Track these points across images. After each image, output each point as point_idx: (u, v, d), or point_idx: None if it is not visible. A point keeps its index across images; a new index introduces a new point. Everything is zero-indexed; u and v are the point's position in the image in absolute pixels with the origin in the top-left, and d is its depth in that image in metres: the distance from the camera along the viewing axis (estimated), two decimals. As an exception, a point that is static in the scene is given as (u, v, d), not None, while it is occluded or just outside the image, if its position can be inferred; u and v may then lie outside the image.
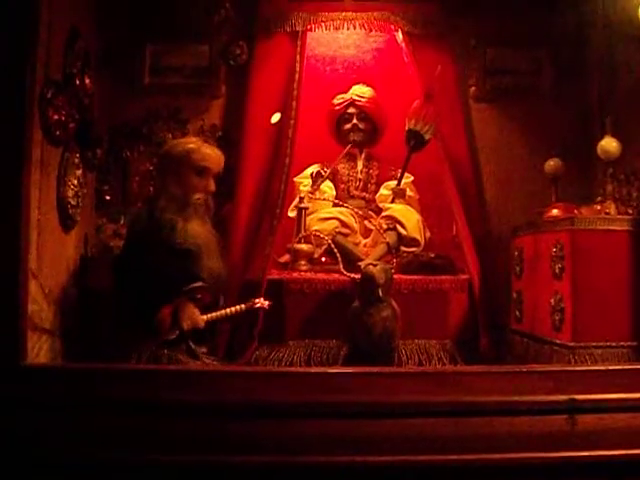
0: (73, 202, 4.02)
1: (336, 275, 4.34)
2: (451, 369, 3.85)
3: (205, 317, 3.70)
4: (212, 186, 3.88)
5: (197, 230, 3.73)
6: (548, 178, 4.52)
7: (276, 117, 4.58)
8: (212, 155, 3.89)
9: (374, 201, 4.90)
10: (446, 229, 4.82)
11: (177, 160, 3.85)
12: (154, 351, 3.59)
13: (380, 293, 3.87)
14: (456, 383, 3.06)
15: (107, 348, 3.66)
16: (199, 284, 3.65)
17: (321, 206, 4.74)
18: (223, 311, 3.77)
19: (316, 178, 4.72)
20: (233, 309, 3.79)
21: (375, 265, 3.97)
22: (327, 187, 4.83)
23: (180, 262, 3.62)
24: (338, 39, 5.18)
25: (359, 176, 4.95)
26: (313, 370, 3.72)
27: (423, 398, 2.97)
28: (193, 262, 3.66)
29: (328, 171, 4.75)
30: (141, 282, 3.60)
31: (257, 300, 3.85)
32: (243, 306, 3.80)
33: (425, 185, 4.91)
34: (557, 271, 3.81)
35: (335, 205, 4.76)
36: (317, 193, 4.72)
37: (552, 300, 3.83)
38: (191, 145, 3.88)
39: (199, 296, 3.67)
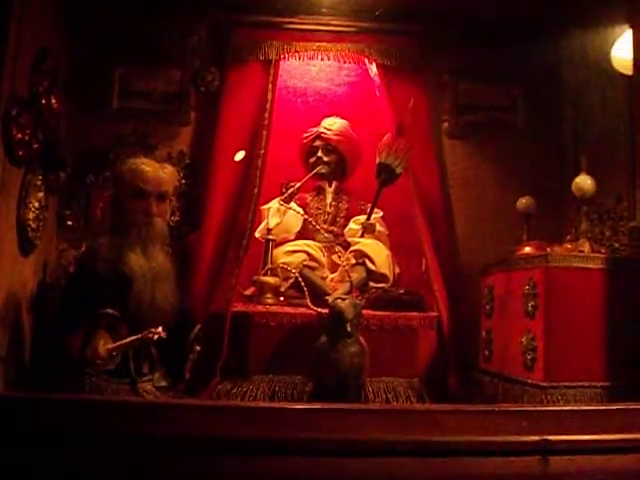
0: (33, 225, 3.94)
1: (303, 309, 4.24)
2: (421, 407, 3.75)
3: (109, 347, 3.48)
4: (153, 208, 3.65)
5: (130, 257, 3.56)
6: (520, 216, 4.51)
7: (240, 155, 4.55)
8: (150, 174, 3.66)
9: (342, 235, 4.81)
10: (415, 265, 4.75)
11: (117, 181, 3.75)
12: (87, 380, 3.44)
13: (349, 328, 3.78)
14: (426, 422, 2.94)
15: (56, 376, 3.50)
16: (108, 311, 3.47)
17: (290, 226, 4.70)
18: (123, 341, 3.52)
19: (287, 188, 4.63)
20: (130, 339, 3.52)
21: (344, 299, 3.88)
22: (294, 217, 4.72)
23: (106, 290, 3.47)
24: (310, 71, 5.16)
25: (328, 209, 4.88)
26: (276, 405, 3.59)
27: (391, 437, 2.84)
28: (120, 290, 3.50)
29: (298, 185, 4.64)
30: (70, 309, 3.51)
31: (153, 330, 3.54)
32: (140, 335, 3.52)
33: (395, 220, 4.86)
34: (529, 309, 3.75)
35: (305, 226, 4.72)
36: (283, 225, 4.64)
37: (524, 339, 3.76)
38: (129, 165, 3.70)
39: (106, 324, 3.48)
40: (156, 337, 3.53)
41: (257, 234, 4.57)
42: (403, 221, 4.82)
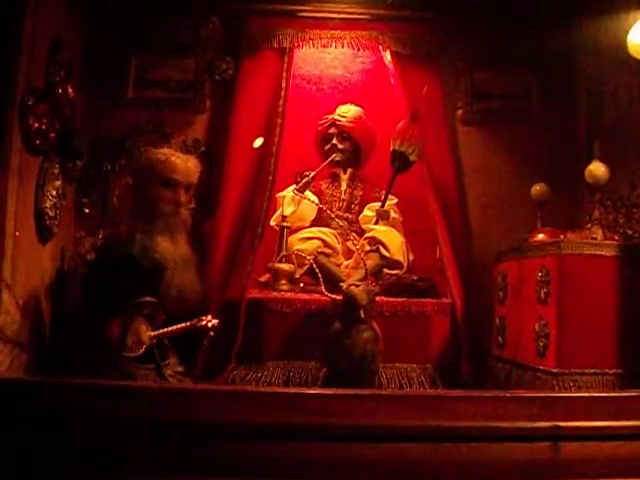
0: (51, 213, 3.96)
1: (317, 295, 4.25)
2: (433, 393, 3.76)
3: (151, 334, 3.56)
4: (182, 198, 3.74)
5: (161, 245, 3.62)
6: (534, 203, 4.47)
7: (259, 142, 4.55)
8: (181, 166, 3.74)
9: (357, 222, 4.81)
10: (429, 252, 4.75)
11: (144, 171, 3.76)
12: (121, 367, 3.48)
13: (362, 314, 3.80)
14: (438, 407, 2.97)
15: (77, 363, 3.52)
16: (147, 299, 3.54)
17: (305, 214, 4.71)
18: (170, 328, 3.60)
19: (302, 178, 4.63)
20: (178, 327, 3.61)
21: (358, 286, 3.91)
22: (309, 206, 4.74)
23: (137, 277, 3.52)
24: (325, 59, 5.15)
25: (343, 197, 4.87)
26: (290, 391, 3.62)
27: (403, 422, 2.87)
28: (152, 278, 3.55)
29: (312, 174, 4.64)
30: (100, 296, 3.51)
31: (204, 318, 3.65)
32: (188, 323, 3.62)
33: (410, 208, 4.85)
34: (542, 296, 3.74)
35: (320, 213, 4.74)
36: (298, 213, 4.67)
37: (536, 326, 3.76)
38: (159, 155, 3.76)
39: (146, 312, 3.54)
40: (211, 325, 3.64)
41: (272, 222, 4.58)
42: (418, 208, 4.82)
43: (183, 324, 3.61)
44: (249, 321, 4.13)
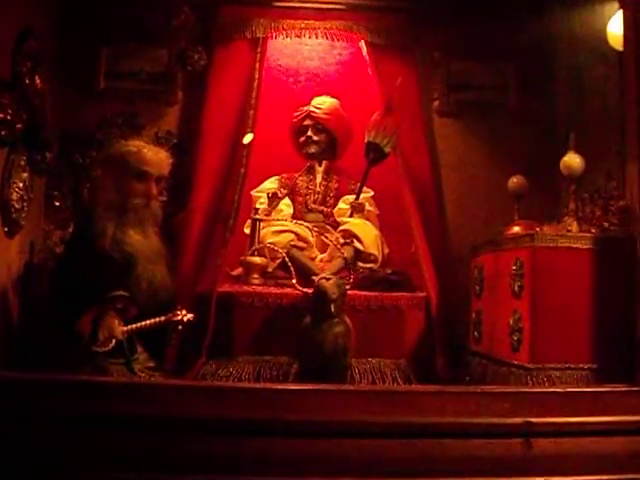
0: (17, 206, 3.91)
1: (288, 289, 4.19)
2: (403, 388, 3.71)
3: (123, 329, 3.50)
4: (153, 190, 3.72)
5: (133, 237, 3.59)
6: (511, 196, 4.42)
7: (248, 137, 4.50)
8: (152, 158, 3.72)
9: (332, 215, 4.76)
10: (406, 246, 4.68)
11: (115, 163, 3.72)
12: (91, 362, 3.42)
13: (332, 309, 3.74)
14: (408, 403, 2.95)
15: (45, 357, 3.49)
16: (119, 293, 3.48)
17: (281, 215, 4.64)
18: (143, 323, 3.55)
19: (272, 199, 4.58)
20: (152, 321, 3.56)
21: (328, 279, 3.84)
22: (284, 204, 4.70)
23: (109, 271, 3.47)
24: (302, 50, 5.09)
25: (318, 189, 4.81)
26: (259, 386, 3.56)
27: (373, 418, 2.85)
28: (124, 271, 3.52)
29: (285, 192, 4.64)
30: (70, 290, 3.45)
31: (178, 312, 3.61)
32: (163, 318, 3.58)
33: (386, 201, 4.80)
34: (516, 289, 3.69)
35: (294, 206, 4.71)
36: (273, 213, 4.60)
37: (511, 320, 3.70)
38: (130, 148, 3.73)
39: (119, 306, 3.48)
40: (186, 319, 3.60)
41: (246, 230, 4.49)
42: (394, 201, 4.76)
43: (157, 318, 3.57)
44: (220, 315, 4.07)
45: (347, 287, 3.97)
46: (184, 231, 4.41)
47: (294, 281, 4.19)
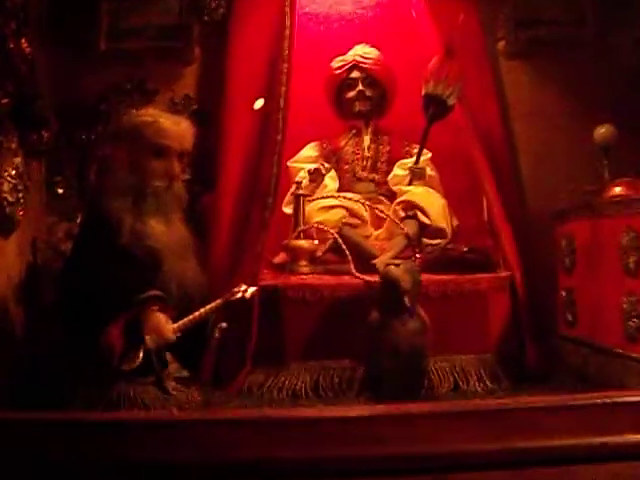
0: (11, 198, 3.45)
1: (346, 278, 3.69)
2: (510, 403, 3.04)
3: (174, 327, 3.03)
4: (176, 169, 3.21)
5: (155, 228, 3.10)
6: (597, 149, 3.87)
7: (259, 103, 3.98)
8: (173, 129, 3.22)
9: (385, 183, 4.26)
10: (470, 215, 4.17)
11: (128, 138, 3.23)
12: (109, 388, 2.91)
13: (407, 302, 3.19)
14: (519, 422, 2.41)
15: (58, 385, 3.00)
16: (154, 293, 2.99)
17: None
18: (196, 314, 3.10)
19: (315, 175, 4.09)
20: (208, 308, 3.11)
21: (397, 265, 3.28)
22: (329, 178, 4.19)
23: (130, 270, 2.97)
24: (332, -7, 4.64)
25: (366, 154, 4.31)
26: (327, 414, 2.92)
27: (476, 445, 2.32)
28: (148, 269, 3.03)
29: (329, 166, 4.13)
30: (85, 298, 2.94)
31: (236, 289, 3.20)
32: (219, 301, 3.14)
33: (442, 162, 4.28)
34: (630, 265, 3.10)
35: (341, 175, 4.26)
36: (317, 191, 4.13)
37: (624, 303, 3.13)
38: (145, 118, 3.23)
39: (155, 308, 3.01)
40: (249, 294, 3.22)
41: (285, 209, 4.08)
42: (452, 162, 4.26)
43: (213, 303, 3.13)
44: (265, 314, 3.54)
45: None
46: (214, 215, 3.90)
47: (352, 267, 3.68)
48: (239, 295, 3.19)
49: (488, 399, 3.27)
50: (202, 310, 3.12)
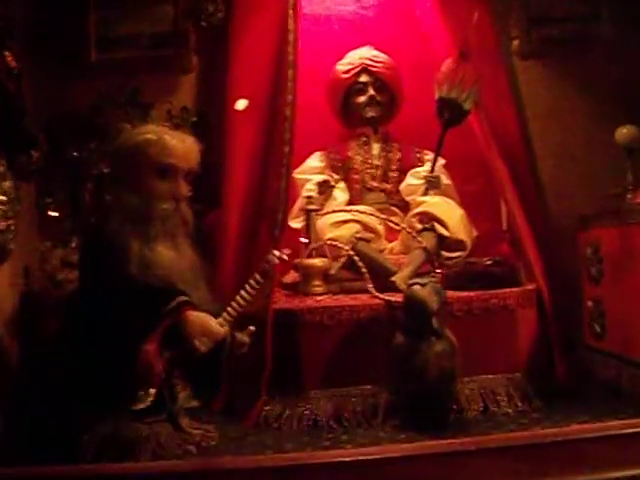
0: (1, 226, 3.23)
1: (364, 298, 3.49)
2: (555, 433, 2.85)
3: (219, 320, 2.92)
4: (183, 190, 3.07)
5: (165, 255, 2.94)
6: (620, 150, 3.72)
7: (242, 103, 3.81)
8: (178, 147, 3.06)
9: (397, 193, 4.12)
10: (485, 223, 4.01)
11: (131, 158, 3.05)
12: (123, 428, 2.75)
13: (435, 324, 3.03)
14: (566, 454, 2.36)
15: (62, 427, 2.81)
16: (182, 298, 2.81)
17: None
18: (238, 298, 3.00)
19: (323, 187, 3.96)
20: (248, 287, 3.01)
21: (423, 285, 3.10)
22: (338, 189, 4.09)
23: (139, 300, 2.77)
24: (332, -8, 4.49)
25: (376, 162, 4.15)
26: (362, 456, 2.70)
27: None
28: (157, 299, 2.82)
29: (337, 177, 4.05)
30: (95, 332, 2.77)
31: (269, 256, 3.10)
32: (257, 275, 3.03)
33: (452, 167, 4.14)
34: (668, 277, 2.99)
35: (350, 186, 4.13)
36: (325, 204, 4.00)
37: (657, 313, 3.04)
38: (148, 136, 3.07)
39: (191, 311, 2.85)
40: (285, 256, 3.17)
41: (292, 224, 3.89)
42: (464, 167, 4.14)
43: (250, 281, 3.03)
44: (280, 339, 3.34)
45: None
46: (220, 234, 3.72)
47: (370, 286, 3.48)
48: (276, 261, 3.11)
49: (526, 425, 3.07)
50: (243, 293, 3.01)
